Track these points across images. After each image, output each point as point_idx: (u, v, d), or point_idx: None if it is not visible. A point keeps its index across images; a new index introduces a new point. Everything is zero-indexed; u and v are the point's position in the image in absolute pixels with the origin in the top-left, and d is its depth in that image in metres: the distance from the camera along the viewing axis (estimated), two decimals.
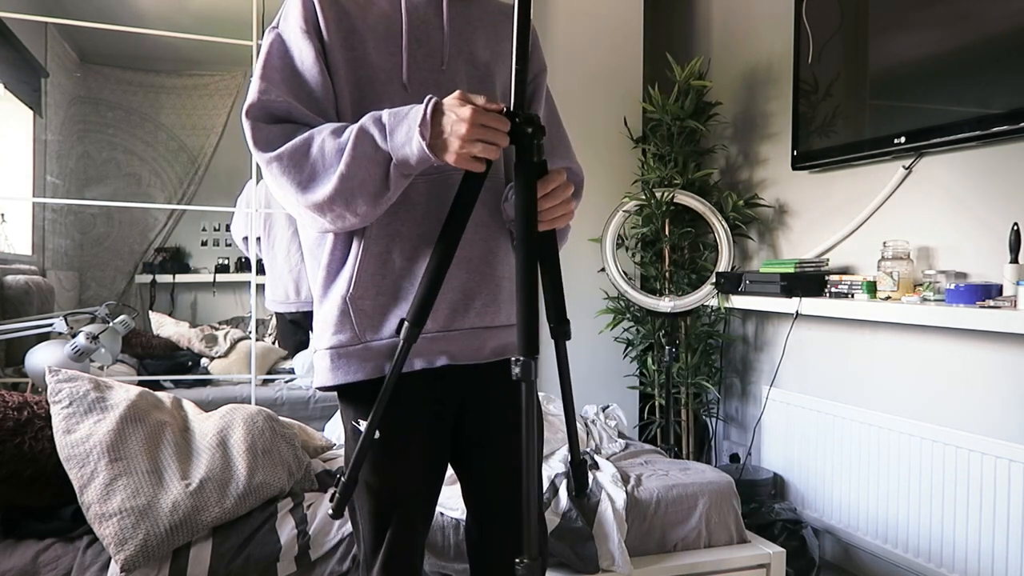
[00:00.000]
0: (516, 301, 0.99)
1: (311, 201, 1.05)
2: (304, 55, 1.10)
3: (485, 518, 1.24)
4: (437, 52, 1.17)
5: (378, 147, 1.01)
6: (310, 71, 1.10)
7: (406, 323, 1.05)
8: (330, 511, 1.09)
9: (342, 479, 1.07)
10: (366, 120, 1.03)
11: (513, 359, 0.95)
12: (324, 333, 1.15)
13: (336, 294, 1.13)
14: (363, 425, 1.13)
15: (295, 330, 3.51)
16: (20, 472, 1.67)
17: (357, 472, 1.07)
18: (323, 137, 1.04)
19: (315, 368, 1.18)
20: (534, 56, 1.27)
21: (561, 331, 1.12)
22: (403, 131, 1.00)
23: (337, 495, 1.07)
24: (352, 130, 1.03)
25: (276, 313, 3.58)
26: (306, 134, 1.06)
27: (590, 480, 2.07)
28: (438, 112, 0.99)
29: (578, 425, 2.45)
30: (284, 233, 3.38)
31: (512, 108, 1.02)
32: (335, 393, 1.20)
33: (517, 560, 0.94)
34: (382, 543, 1.15)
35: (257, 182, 3.12)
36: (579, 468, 1.19)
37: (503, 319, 1.20)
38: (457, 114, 0.97)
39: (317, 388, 1.16)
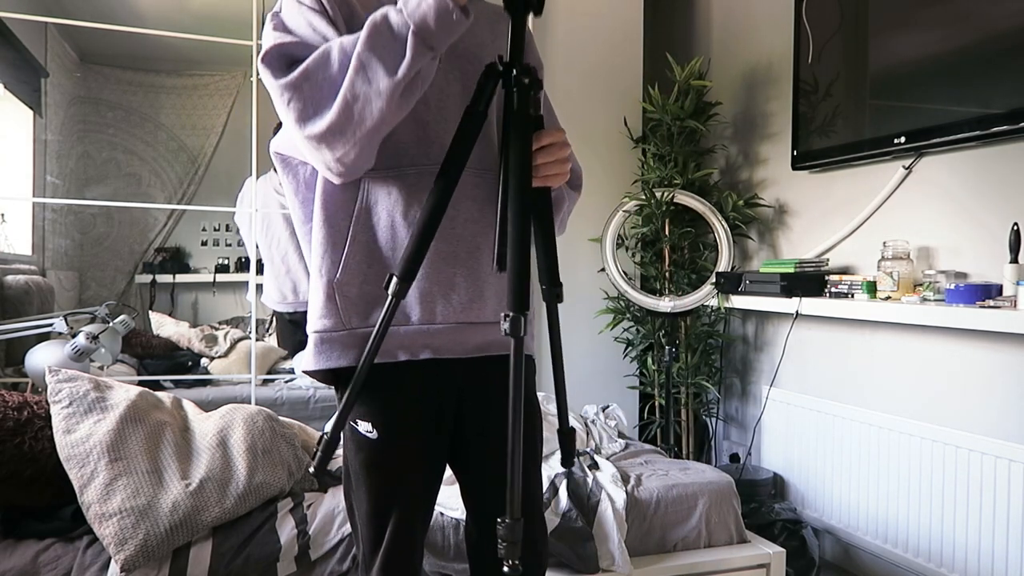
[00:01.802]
0: (508, 257, 0.98)
1: (336, 109, 0.98)
2: (315, 20, 1.07)
3: (483, 518, 1.23)
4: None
5: (391, 23, 0.96)
6: (323, 29, 1.06)
7: (394, 278, 1.04)
8: (312, 468, 1.09)
9: (326, 437, 1.07)
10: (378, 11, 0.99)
11: (503, 315, 0.95)
12: (311, 318, 1.16)
13: (324, 279, 1.14)
14: (360, 426, 1.14)
15: (294, 330, 3.51)
16: (20, 472, 1.67)
17: (339, 430, 1.08)
18: (341, 39, 1.01)
19: (303, 353, 1.18)
20: (531, 52, 1.27)
21: (553, 293, 1.11)
22: None
23: (319, 453, 1.07)
24: (368, 21, 0.98)
25: (276, 313, 3.58)
26: (318, 49, 1.02)
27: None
28: None
29: (577, 424, 2.45)
30: (283, 233, 3.38)
31: (509, 58, 1.01)
32: (334, 391, 1.20)
33: (499, 519, 0.94)
34: (381, 543, 1.15)
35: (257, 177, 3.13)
36: (567, 436, 1.23)
37: (489, 315, 1.18)
38: None
39: (303, 372, 1.17)
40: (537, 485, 1.30)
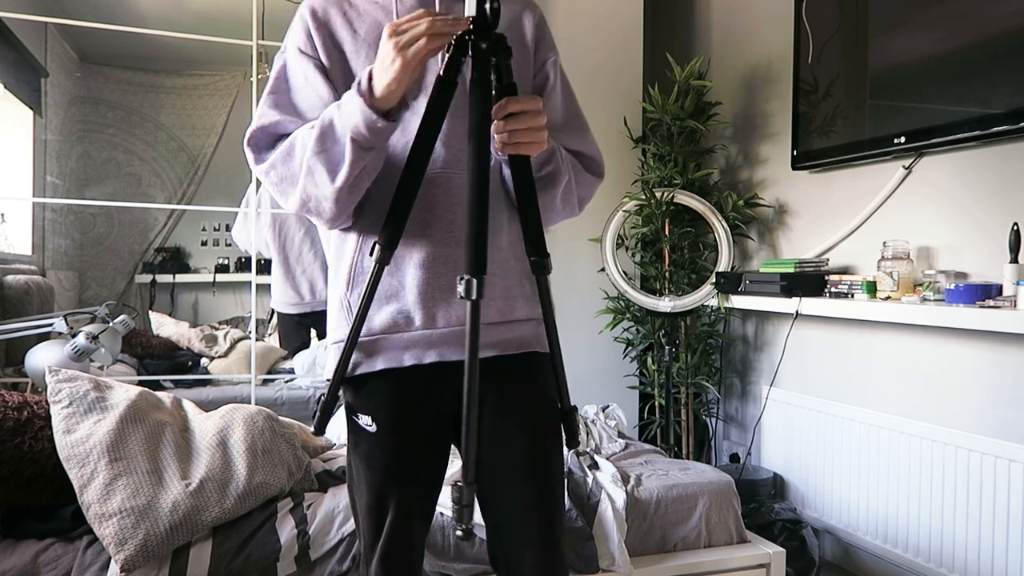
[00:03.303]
0: (467, 221, 1.01)
1: (297, 200, 1.11)
2: (307, 72, 1.15)
3: (495, 517, 1.21)
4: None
5: (334, 127, 1.05)
6: (311, 87, 1.14)
7: (378, 246, 1.07)
8: (312, 428, 1.13)
9: (323, 397, 1.13)
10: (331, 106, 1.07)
11: (459, 278, 0.98)
12: (330, 328, 1.22)
13: (336, 293, 1.19)
14: (361, 419, 1.16)
15: (298, 330, 3.51)
16: (20, 472, 1.67)
17: (336, 392, 1.13)
18: (303, 132, 1.10)
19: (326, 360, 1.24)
20: (541, 39, 1.25)
21: (540, 264, 1.10)
22: (347, 99, 1.04)
23: (317, 413, 1.13)
24: (320, 117, 1.07)
25: (279, 313, 3.58)
26: (291, 136, 1.12)
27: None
28: (380, 61, 1.01)
29: (580, 418, 2.45)
30: (296, 234, 3.41)
31: (471, 26, 0.99)
32: (340, 392, 1.22)
33: (455, 482, 0.99)
34: (380, 536, 1.15)
35: (257, 188, 3.14)
36: (568, 416, 1.19)
37: (494, 316, 1.16)
38: (401, 29, 0.99)
39: (327, 379, 1.20)
40: (553, 507, 1.19)
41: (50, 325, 2.44)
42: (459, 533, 0.98)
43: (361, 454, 1.17)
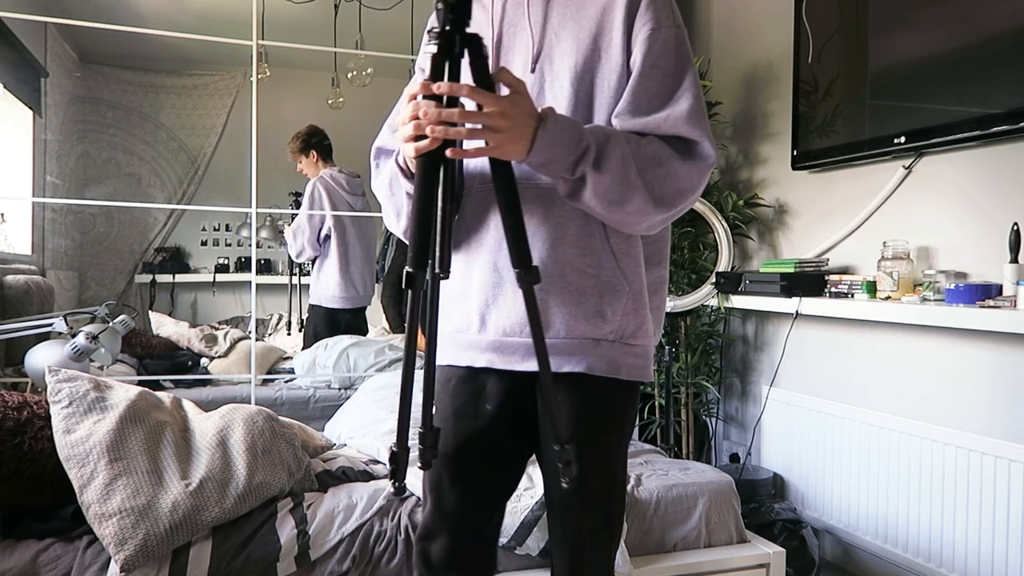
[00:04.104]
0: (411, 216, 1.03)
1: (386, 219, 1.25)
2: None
3: (551, 507, 1.26)
4: (525, 54, 1.17)
5: (395, 171, 1.16)
6: None
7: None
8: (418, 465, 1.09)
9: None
10: None
11: (406, 269, 1.00)
12: None
13: None
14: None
15: (335, 326, 3.58)
16: (20, 472, 1.67)
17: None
18: (390, 166, 1.19)
19: None
20: (637, 16, 1.13)
21: (525, 277, 1.02)
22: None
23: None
24: None
25: (321, 308, 3.64)
26: (387, 164, 1.21)
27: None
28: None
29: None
30: (352, 232, 3.60)
31: (441, 29, 0.98)
32: (339, 392, 1.24)
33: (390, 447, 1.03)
34: (425, 506, 1.26)
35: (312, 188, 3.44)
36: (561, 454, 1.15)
37: (497, 332, 1.17)
38: (399, 121, 1.02)
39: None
40: (592, 468, 1.16)
41: (50, 325, 2.44)
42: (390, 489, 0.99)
43: None
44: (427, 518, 1.26)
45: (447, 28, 0.96)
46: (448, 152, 0.98)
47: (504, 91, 1.01)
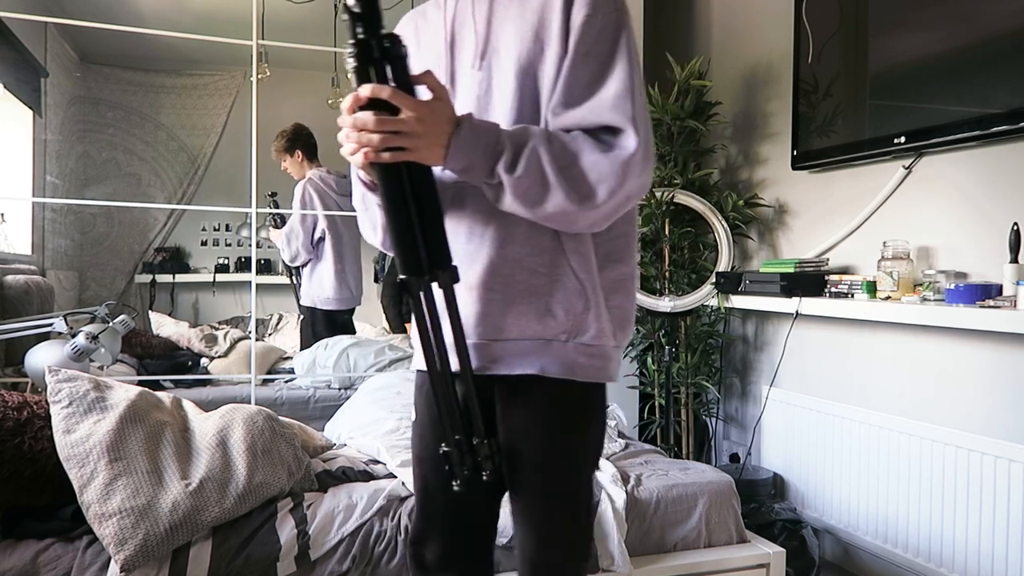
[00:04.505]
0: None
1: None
2: None
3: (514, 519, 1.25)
4: (468, 52, 1.15)
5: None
6: None
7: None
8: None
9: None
10: None
11: (399, 277, 1.00)
12: None
13: None
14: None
15: (333, 326, 3.58)
16: (20, 472, 1.67)
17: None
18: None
19: None
20: (573, 5, 1.08)
21: (443, 278, 1.01)
22: None
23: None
24: None
25: (316, 310, 3.63)
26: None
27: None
28: None
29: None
30: (346, 232, 3.58)
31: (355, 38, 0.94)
32: (339, 392, 1.24)
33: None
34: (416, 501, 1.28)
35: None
36: (448, 454, 1.10)
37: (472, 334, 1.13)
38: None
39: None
40: (548, 497, 1.17)
41: (50, 325, 2.44)
42: None
43: None
44: (416, 522, 1.26)
45: (361, 37, 0.94)
46: (361, 158, 0.97)
47: (427, 95, 0.99)
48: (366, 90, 0.95)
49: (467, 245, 1.12)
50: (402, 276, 1.00)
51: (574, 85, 1.06)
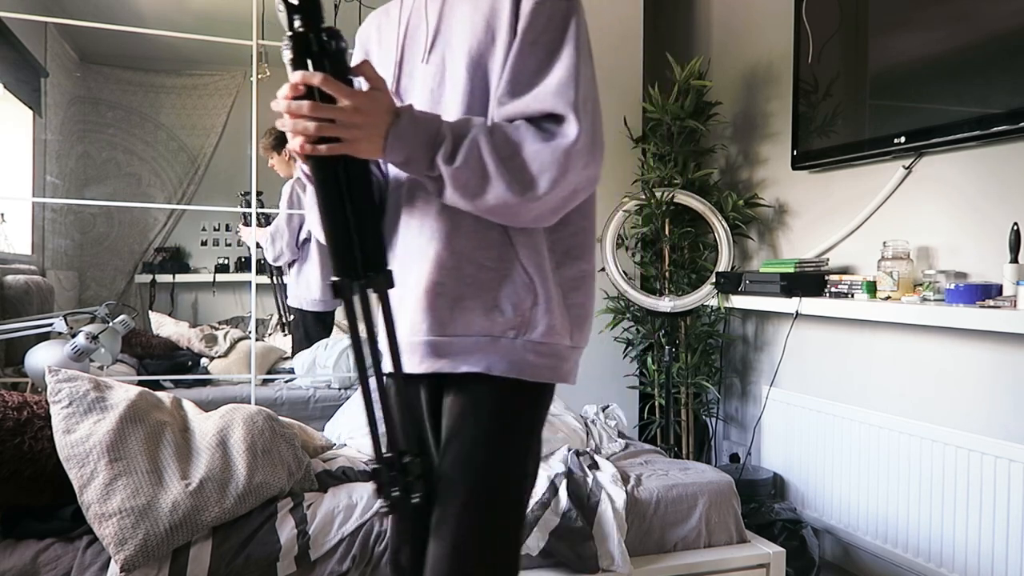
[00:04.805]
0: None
1: None
2: None
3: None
4: (420, 46, 1.13)
5: None
6: None
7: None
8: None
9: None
10: None
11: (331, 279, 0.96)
12: None
13: None
14: None
15: (323, 327, 3.56)
16: (20, 472, 1.67)
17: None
18: None
19: None
20: None
21: (372, 281, 0.96)
22: None
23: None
24: None
25: (305, 312, 3.62)
26: None
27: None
28: None
29: (576, 424, 2.45)
30: None
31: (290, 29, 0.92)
32: (339, 392, 1.23)
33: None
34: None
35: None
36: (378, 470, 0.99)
37: (405, 332, 1.09)
38: None
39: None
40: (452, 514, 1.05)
41: (50, 325, 2.44)
42: None
43: None
44: (391, 528, 1.21)
45: (299, 30, 0.92)
46: (298, 147, 0.94)
47: (365, 87, 0.97)
48: (297, 76, 0.92)
49: (417, 240, 1.08)
50: (334, 278, 0.95)
51: (520, 74, 1.02)
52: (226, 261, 4.52)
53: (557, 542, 1.84)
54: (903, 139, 2.29)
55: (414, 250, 1.08)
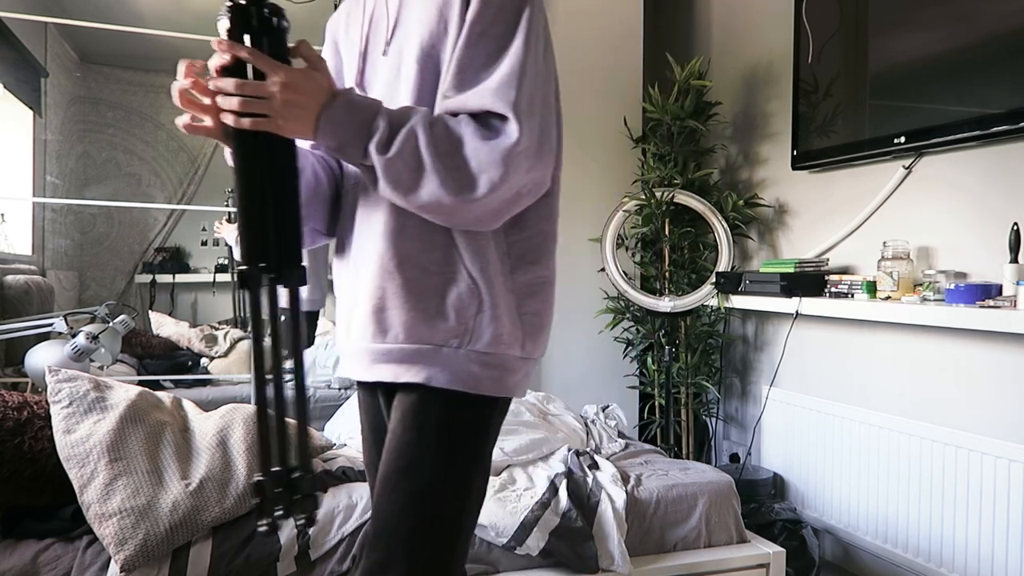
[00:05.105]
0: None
1: None
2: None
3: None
4: (382, 38, 1.08)
5: None
6: None
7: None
8: None
9: None
10: None
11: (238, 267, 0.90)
12: None
13: None
14: None
15: (309, 326, 3.55)
16: (20, 472, 1.67)
17: None
18: None
19: None
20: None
21: (283, 274, 0.91)
22: None
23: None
24: None
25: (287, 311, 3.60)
26: None
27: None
28: None
29: (577, 424, 2.44)
30: None
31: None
32: (339, 392, 1.22)
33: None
34: None
35: None
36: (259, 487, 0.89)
37: (355, 336, 1.07)
38: None
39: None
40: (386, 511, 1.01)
41: (50, 325, 2.44)
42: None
43: None
44: (368, 528, 1.23)
45: (242, 1, 0.87)
46: (229, 120, 0.89)
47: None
48: (223, 46, 0.87)
49: (368, 239, 1.04)
50: (242, 267, 0.88)
51: (467, 67, 0.96)
52: (226, 261, 4.52)
53: (557, 542, 1.84)
54: (903, 139, 2.29)
55: (366, 250, 1.04)
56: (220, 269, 4.47)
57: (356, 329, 1.06)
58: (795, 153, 2.75)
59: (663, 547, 1.99)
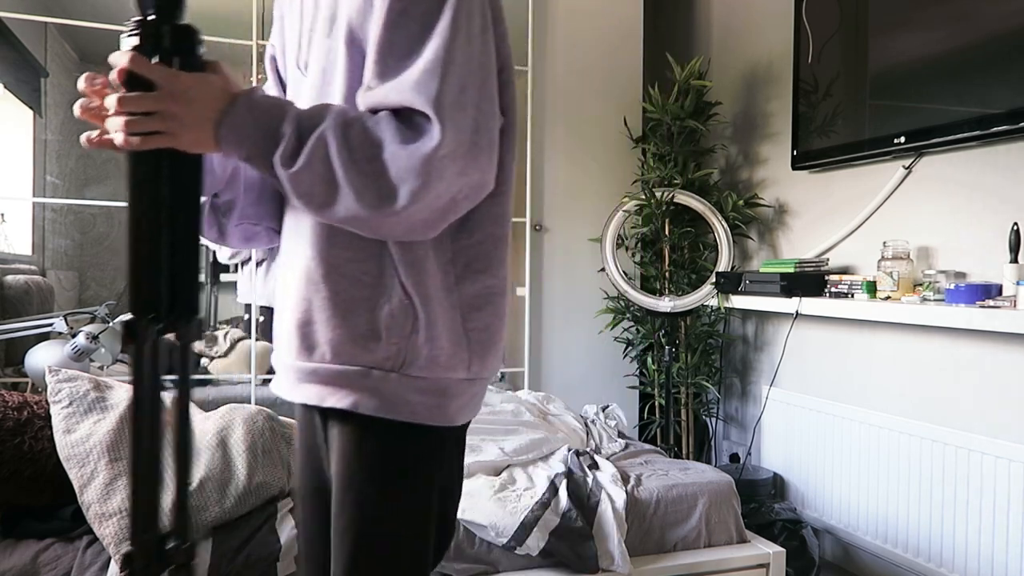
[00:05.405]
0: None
1: None
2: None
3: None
4: (322, 15, 0.94)
5: None
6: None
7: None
8: None
9: None
10: None
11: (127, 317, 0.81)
12: None
13: None
14: None
15: None
16: (20, 472, 1.67)
17: None
18: None
19: None
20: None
21: (176, 327, 0.81)
22: None
23: None
24: None
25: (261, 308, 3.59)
26: None
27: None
28: None
29: (576, 424, 2.44)
30: None
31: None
32: None
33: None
34: None
35: None
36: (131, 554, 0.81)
37: (282, 351, 0.97)
38: None
39: None
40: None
41: (50, 325, 2.44)
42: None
43: None
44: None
45: (150, 17, 0.80)
46: (118, 141, 0.79)
47: None
48: (112, 59, 0.79)
49: (295, 244, 0.93)
50: (129, 317, 0.78)
51: (387, 54, 0.82)
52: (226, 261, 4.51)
53: (557, 542, 1.84)
54: (903, 139, 2.29)
55: (294, 255, 0.93)
56: (221, 269, 4.47)
57: (283, 343, 0.95)
58: (795, 153, 2.75)
59: (663, 547, 1.99)
